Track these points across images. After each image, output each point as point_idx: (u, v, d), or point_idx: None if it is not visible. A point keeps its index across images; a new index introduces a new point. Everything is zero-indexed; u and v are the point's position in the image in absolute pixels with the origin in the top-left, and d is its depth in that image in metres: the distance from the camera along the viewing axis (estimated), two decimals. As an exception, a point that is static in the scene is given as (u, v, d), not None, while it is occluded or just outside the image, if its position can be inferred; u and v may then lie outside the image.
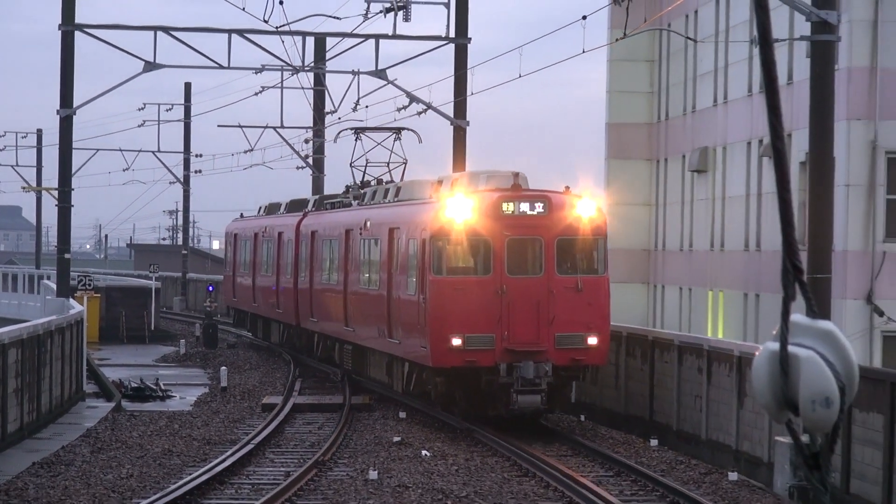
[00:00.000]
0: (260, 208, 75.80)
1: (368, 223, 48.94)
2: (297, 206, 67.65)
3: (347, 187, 57.55)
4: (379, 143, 57.11)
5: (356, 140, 56.11)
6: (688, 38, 61.79)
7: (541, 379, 39.68)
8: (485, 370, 40.02)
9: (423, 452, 36.60)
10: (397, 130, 56.73)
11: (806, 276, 5.27)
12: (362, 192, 53.67)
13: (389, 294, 45.62)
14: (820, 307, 30.56)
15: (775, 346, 5.15)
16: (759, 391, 5.26)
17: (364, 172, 56.39)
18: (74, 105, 61.60)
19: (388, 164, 56.56)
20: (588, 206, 41.02)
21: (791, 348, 5.12)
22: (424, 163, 78.51)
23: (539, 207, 40.80)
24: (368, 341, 49.87)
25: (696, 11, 63.58)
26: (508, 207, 40.60)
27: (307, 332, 61.80)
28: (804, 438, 5.50)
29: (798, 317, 5.21)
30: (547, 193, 42.22)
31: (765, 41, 4.75)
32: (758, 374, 5.24)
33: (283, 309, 64.84)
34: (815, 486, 5.32)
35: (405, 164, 57.09)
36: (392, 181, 56.29)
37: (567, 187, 42.28)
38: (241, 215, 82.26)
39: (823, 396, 5.09)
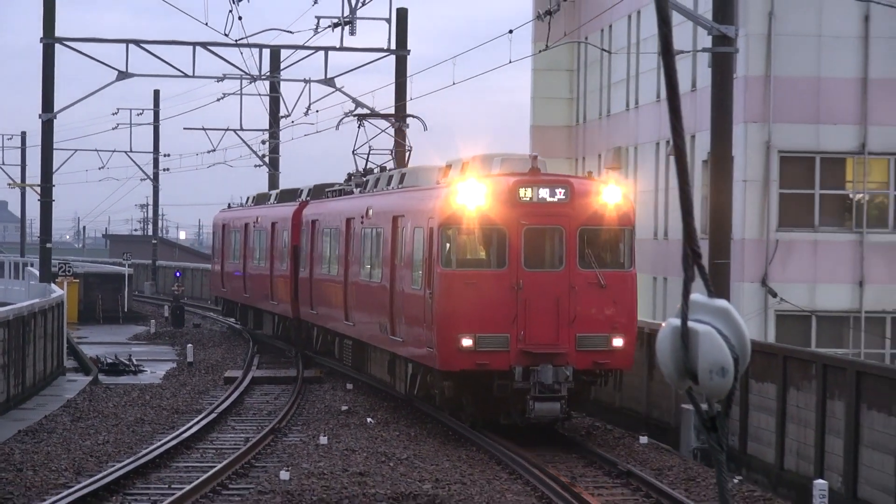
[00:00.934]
0: (248, 199, 67.90)
1: (370, 211, 40.88)
2: (288, 195, 58.57)
3: (349, 175, 48.45)
4: (382, 131, 49.69)
5: (359, 127, 47.94)
6: (603, 49, 61.88)
7: (560, 384, 32.40)
8: (498, 374, 32.67)
9: (369, 420, 36.58)
10: (402, 117, 50.31)
11: (706, 260, 5.29)
12: (364, 179, 45.29)
13: (392, 288, 37.68)
14: (720, 289, 30.67)
15: (677, 322, 5.19)
16: (662, 362, 5.30)
17: (367, 160, 47.38)
18: (55, 110, 61.99)
19: (393, 151, 48.78)
20: (614, 192, 33.42)
21: (691, 324, 5.16)
22: (425, 156, 77.62)
23: (560, 194, 33.24)
24: (369, 338, 41.59)
25: (610, 26, 63.59)
26: (526, 193, 33.07)
27: (306, 325, 52.03)
28: (704, 406, 5.55)
29: (697, 296, 5.24)
30: (569, 178, 35.27)
31: (667, 52, 4.78)
32: (661, 347, 5.28)
33: (279, 300, 55.49)
34: (712, 446, 5.35)
35: (409, 151, 49.48)
36: (396, 168, 47.58)
37: (590, 172, 36.13)
38: (229, 206, 73.12)
39: (719, 366, 5.13)
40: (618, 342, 33.10)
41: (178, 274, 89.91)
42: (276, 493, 26.09)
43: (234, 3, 42.43)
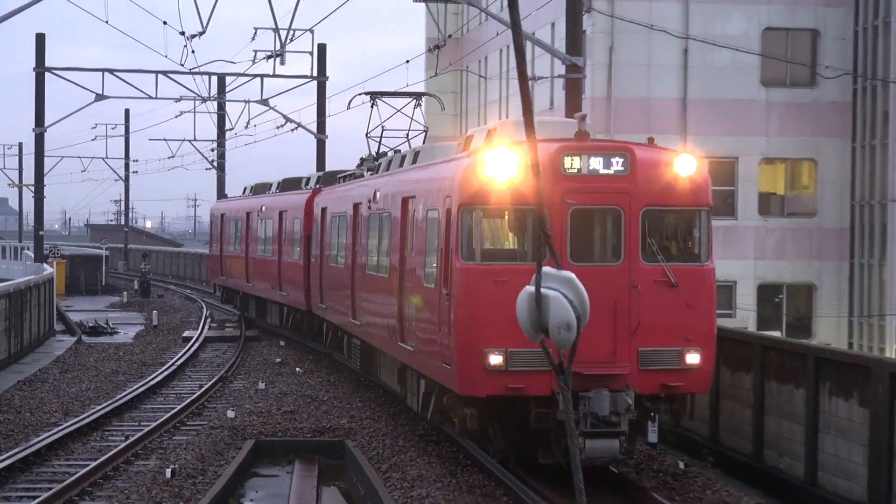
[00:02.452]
0: (245, 189, 55.84)
1: (377, 194, 28.45)
2: (290, 184, 46.15)
3: (362, 159, 36.36)
4: (398, 111, 37.69)
5: (372, 107, 36.18)
6: (480, 76, 62.04)
7: (619, 415, 19.98)
8: (536, 401, 20.01)
9: (297, 370, 36.44)
10: (417, 96, 37.52)
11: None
12: (377, 162, 32.93)
13: (401, 284, 25.02)
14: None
15: (532, 288, 5.25)
16: (521, 320, 5.36)
17: (379, 143, 35.39)
18: (45, 125, 62.33)
19: (408, 132, 36.83)
20: (687, 163, 21.02)
21: (543, 290, 5.22)
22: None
23: (618, 164, 20.63)
24: (377, 340, 28.36)
25: (486, 57, 63.68)
26: (573, 164, 20.70)
27: (317, 319, 39.43)
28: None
29: (548, 268, 5.30)
30: (628, 145, 21.56)
31: (522, 77, 4.84)
32: (520, 308, 5.34)
33: (288, 292, 42.49)
34: (561, 386, 5.38)
35: (426, 132, 38.45)
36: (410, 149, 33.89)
37: (650, 138, 22.21)
38: (227, 195, 63.28)
39: (566, 323, 5.20)
40: (693, 358, 20.59)
41: (144, 256, 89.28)
42: (225, 428, 26.01)
43: (187, 39, 42.14)
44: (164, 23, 42.45)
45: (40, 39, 61.49)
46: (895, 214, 49.02)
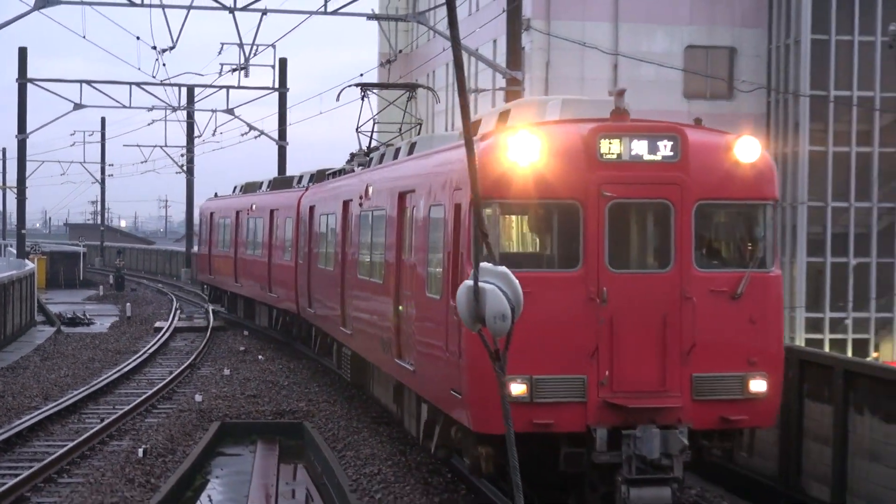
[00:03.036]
0: (235, 188, 50.10)
1: (370, 189, 23.14)
2: (282, 183, 40.46)
3: (352, 155, 30.52)
4: (391, 103, 33.29)
5: (362, 99, 31.08)
6: (428, 88, 61.98)
7: (672, 458, 14.93)
8: (567, 439, 15.19)
9: (260, 357, 36.31)
10: (411, 87, 32.16)
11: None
12: (368, 157, 27.54)
13: (398, 292, 20.04)
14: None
15: (470, 282, 5.26)
16: (461, 311, 5.37)
17: (370, 137, 30.18)
18: (27, 131, 62.04)
19: (401, 125, 31.85)
20: (749, 148, 15.96)
21: (480, 284, 5.23)
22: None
23: (666, 149, 15.55)
24: (369, 353, 23.11)
25: (434, 71, 63.77)
26: (611, 147, 15.67)
27: (306, 323, 33.98)
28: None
29: (485, 264, 5.31)
30: (678, 126, 16.20)
31: (461, 90, 4.85)
32: (460, 300, 5.35)
33: (280, 294, 36.64)
34: (497, 372, 5.40)
35: (420, 125, 33.10)
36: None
37: (698, 119, 16.97)
38: (216, 195, 56.19)
39: (501, 313, 5.21)
40: (758, 385, 15.62)
41: (118, 252, 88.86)
42: (193, 410, 25.91)
43: (159, 53, 41.86)
44: (138, 38, 42.20)
45: (22, 53, 61.59)
46: (804, 218, 49.55)
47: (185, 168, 79.41)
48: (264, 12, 33.51)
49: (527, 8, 45.53)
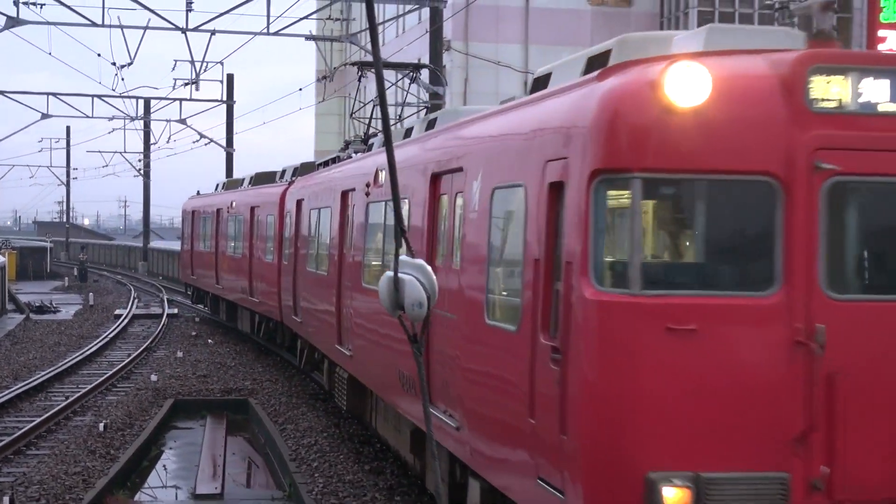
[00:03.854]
0: (217, 185, 43.92)
1: (382, 174, 15.43)
2: (265, 178, 33.74)
3: (347, 143, 24.27)
4: (393, 84, 27.02)
5: (360, 78, 25.06)
6: (360, 101, 61.85)
7: None
8: None
9: (209, 341, 36.06)
10: (415, 67, 25.86)
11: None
12: (370, 142, 21.74)
13: (455, 324, 10.58)
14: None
15: (391, 273, 5.28)
16: (383, 299, 5.37)
17: (369, 124, 23.47)
18: None
19: (402, 106, 25.78)
20: None
21: (400, 274, 5.24)
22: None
23: None
24: (377, 384, 15.67)
25: (366, 87, 63.62)
26: (831, 90, 6.94)
27: (290, 332, 27.40)
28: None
29: (404, 257, 5.32)
30: None
31: (382, 102, 4.86)
32: (382, 290, 5.35)
33: (261, 298, 29.98)
34: (416, 353, 5.39)
35: (426, 109, 26.41)
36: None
37: None
38: (198, 192, 49.65)
39: (418, 301, 5.22)
40: None
41: (82, 248, 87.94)
42: (149, 389, 25.71)
43: (118, 69, 41.53)
44: (99, 55, 41.81)
45: (-6, 68, 60.49)
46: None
47: (142, 172, 78.95)
48: (213, 33, 33.29)
49: (447, 31, 45.57)
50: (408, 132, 16.12)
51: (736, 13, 50.51)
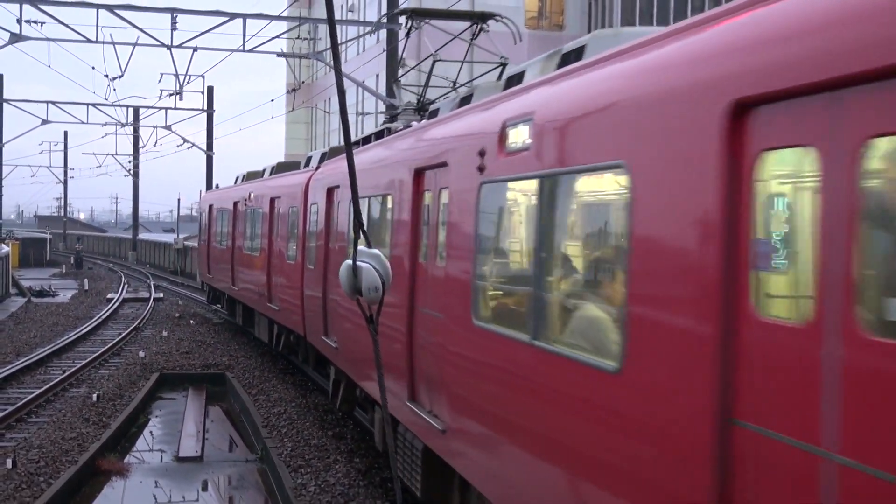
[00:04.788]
0: (238, 178, 34.85)
1: (520, 132, 6.37)
2: (287, 168, 26.77)
3: (392, 114, 15.72)
4: (456, 36, 15.97)
5: (409, 31, 16.32)
6: (325, 111, 61.74)
7: None
8: None
9: (191, 322, 35.81)
10: (479, 17, 15.49)
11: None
12: (429, 107, 13.18)
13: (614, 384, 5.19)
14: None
15: (349, 261, 5.26)
16: (342, 284, 5.33)
17: (427, 82, 14.12)
18: (3, 142, 60.45)
19: (458, 70, 18.32)
20: None
21: (358, 262, 5.23)
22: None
23: None
24: (475, 468, 7.55)
25: (329, 98, 63.40)
26: None
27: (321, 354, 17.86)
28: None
29: (362, 248, 5.31)
30: None
31: (343, 112, 4.85)
32: (342, 276, 5.32)
33: (282, 306, 21.50)
34: (371, 332, 5.35)
35: (504, 66, 14.66)
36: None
37: None
38: (217, 186, 42.19)
39: (374, 286, 5.20)
40: None
41: (78, 239, 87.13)
42: (137, 364, 25.51)
43: (110, 80, 41.08)
44: (93, 68, 41.38)
45: (-1, 79, 59.91)
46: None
47: (131, 172, 78.30)
48: (195, 49, 33.00)
49: (402, 49, 45.53)
50: (463, 101, 11.05)
51: (654, 37, 50.74)
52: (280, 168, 27.08)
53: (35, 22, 32.34)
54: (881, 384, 3.58)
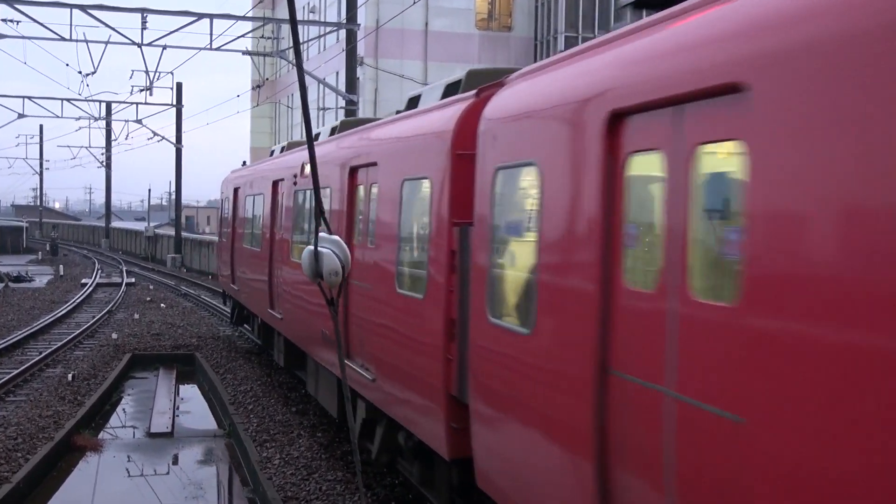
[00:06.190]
0: (273, 151, 20.58)
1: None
2: (357, 125, 13.19)
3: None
4: None
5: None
6: (288, 106, 61.37)
7: None
8: None
9: (162, 305, 35.49)
10: None
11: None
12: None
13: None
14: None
15: (311, 247, 5.22)
16: (305, 268, 5.29)
17: None
18: None
19: None
20: None
21: (319, 248, 5.19)
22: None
23: None
24: None
25: (292, 94, 63.05)
26: None
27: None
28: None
29: (323, 234, 5.27)
30: None
31: (304, 106, 4.80)
32: (304, 261, 5.27)
33: (375, 371, 9.76)
34: (332, 314, 5.32)
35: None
36: None
37: None
38: (244, 163, 26.55)
39: (335, 270, 5.16)
40: None
41: (54, 226, 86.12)
42: (110, 345, 25.25)
43: (84, 77, 40.55)
44: (67, 65, 40.79)
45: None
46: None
47: (104, 164, 77.59)
48: (165, 47, 32.64)
49: (361, 49, 45.33)
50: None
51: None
52: (346, 126, 14.62)
53: (11, 21, 31.85)
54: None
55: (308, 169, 8.35)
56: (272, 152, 17.39)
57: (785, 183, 3.82)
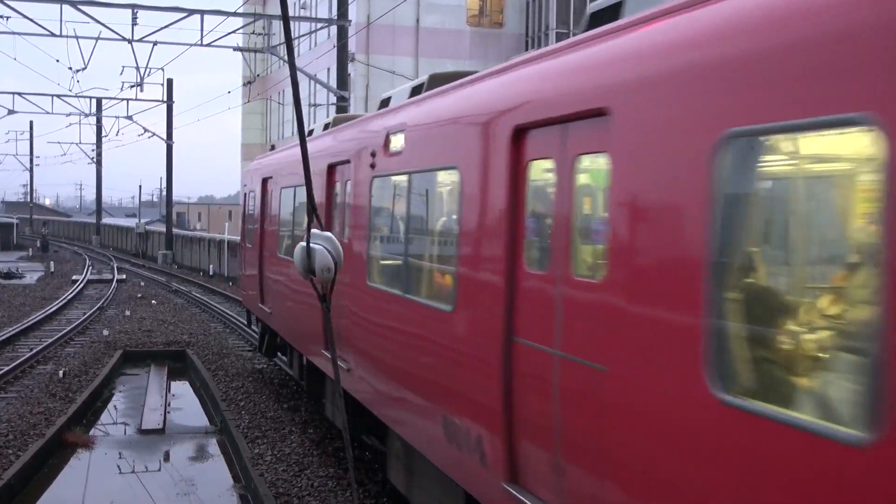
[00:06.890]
0: (311, 131, 14.66)
1: None
2: (446, 80, 8.81)
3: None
4: None
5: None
6: (279, 103, 61.27)
7: None
8: None
9: (153, 302, 35.47)
10: None
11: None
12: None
13: None
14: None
15: (304, 243, 5.20)
16: (297, 264, 5.28)
17: None
18: None
19: None
20: None
21: (311, 244, 5.18)
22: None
23: None
24: None
25: (283, 90, 62.96)
26: None
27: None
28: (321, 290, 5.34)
29: (316, 231, 5.26)
30: None
31: (296, 102, 4.79)
32: (297, 257, 5.26)
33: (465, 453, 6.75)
34: (324, 309, 5.30)
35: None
36: None
37: None
38: (273, 147, 20.31)
39: (327, 267, 5.15)
40: None
41: (44, 223, 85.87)
42: (101, 342, 25.21)
43: (74, 73, 40.46)
44: (57, 61, 40.65)
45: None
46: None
47: (95, 160, 77.41)
48: (155, 43, 32.55)
49: (352, 45, 45.28)
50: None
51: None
52: (435, 81, 10.64)
53: (1, 16, 31.75)
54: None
55: (395, 143, 9.28)
56: (310, 132, 13.99)
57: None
